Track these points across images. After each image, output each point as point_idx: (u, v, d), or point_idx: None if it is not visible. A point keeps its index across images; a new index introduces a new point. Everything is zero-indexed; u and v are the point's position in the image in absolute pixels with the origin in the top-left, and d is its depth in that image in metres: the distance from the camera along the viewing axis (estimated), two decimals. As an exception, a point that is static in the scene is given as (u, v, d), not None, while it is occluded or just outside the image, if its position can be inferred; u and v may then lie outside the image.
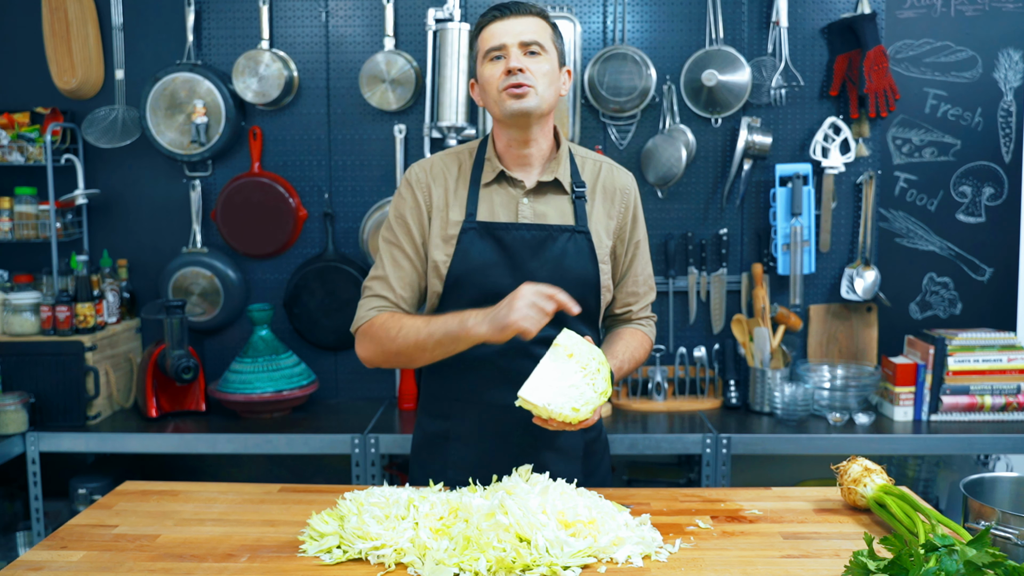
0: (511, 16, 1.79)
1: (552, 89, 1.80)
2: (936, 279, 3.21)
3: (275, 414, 3.05)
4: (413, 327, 1.75)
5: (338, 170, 3.22)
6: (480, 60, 1.81)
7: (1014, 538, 1.41)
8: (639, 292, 1.97)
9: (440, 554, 1.41)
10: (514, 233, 1.81)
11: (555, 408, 1.57)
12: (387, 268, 1.85)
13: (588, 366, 1.63)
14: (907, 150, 3.17)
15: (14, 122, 3.17)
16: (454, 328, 1.69)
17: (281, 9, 3.16)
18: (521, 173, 1.85)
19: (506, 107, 1.76)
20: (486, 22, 1.81)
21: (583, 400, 1.59)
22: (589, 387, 1.61)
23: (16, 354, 2.91)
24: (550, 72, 1.79)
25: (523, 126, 1.80)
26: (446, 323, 1.71)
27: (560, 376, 1.60)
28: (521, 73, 1.74)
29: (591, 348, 1.65)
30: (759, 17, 3.12)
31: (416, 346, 1.74)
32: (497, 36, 1.78)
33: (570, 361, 1.62)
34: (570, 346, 1.63)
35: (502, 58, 1.77)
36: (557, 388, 1.59)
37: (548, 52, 1.79)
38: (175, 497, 1.81)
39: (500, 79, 1.76)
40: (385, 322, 1.79)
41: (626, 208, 1.91)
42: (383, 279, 1.85)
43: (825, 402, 2.99)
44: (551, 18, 1.85)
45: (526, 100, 1.75)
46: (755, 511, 1.71)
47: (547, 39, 1.80)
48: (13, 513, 3.10)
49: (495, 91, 1.77)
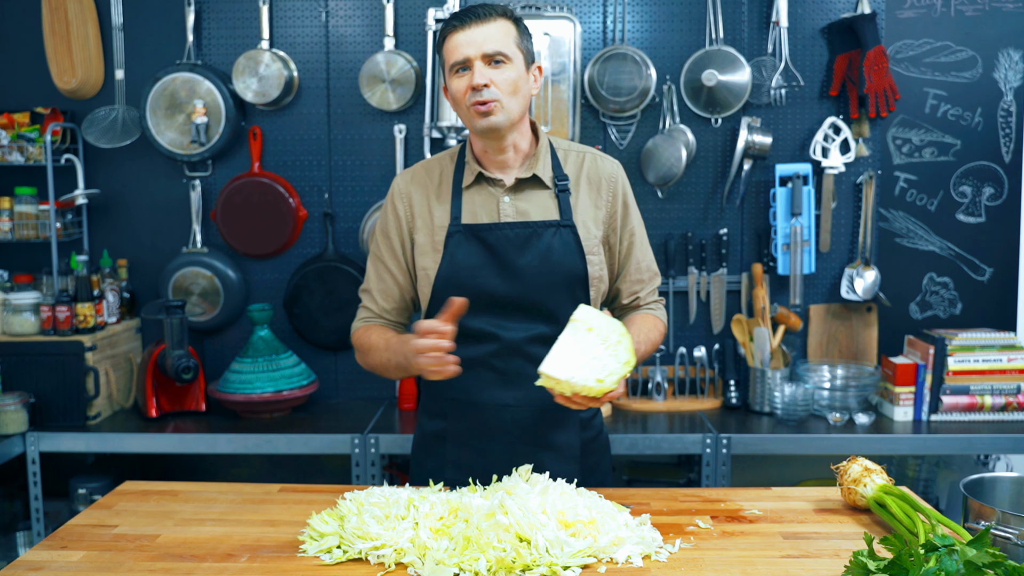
0: (472, 23, 1.74)
1: (518, 97, 1.77)
2: (936, 279, 3.21)
3: (275, 414, 3.05)
4: (376, 348, 1.84)
5: (338, 170, 3.22)
6: (447, 72, 1.79)
7: (1014, 538, 1.41)
8: (643, 279, 1.96)
9: (440, 554, 1.42)
10: (497, 233, 1.81)
11: (578, 380, 1.55)
12: (372, 281, 1.93)
13: (609, 338, 1.60)
14: (907, 150, 3.17)
15: (14, 122, 3.17)
16: (400, 360, 1.75)
17: (281, 9, 3.16)
18: (500, 172, 1.85)
19: (475, 124, 1.77)
20: (449, 31, 1.77)
21: (607, 371, 1.57)
22: (612, 358, 1.58)
23: (16, 354, 2.91)
24: (517, 79, 1.76)
25: (495, 138, 1.80)
26: (395, 352, 1.77)
27: (581, 350, 1.58)
28: (487, 88, 1.72)
29: (610, 321, 1.64)
30: (759, 17, 3.12)
31: (382, 367, 1.85)
32: (460, 48, 1.74)
33: (590, 334, 1.60)
34: (589, 320, 1.62)
35: (468, 70, 1.75)
36: (580, 361, 1.57)
37: (513, 59, 1.76)
38: (175, 497, 1.81)
39: (467, 94, 1.75)
40: (361, 337, 1.90)
41: (614, 196, 1.90)
42: (369, 292, 1.93)
43: (825, 402, 2.99)
44: (514, 13, 1.80)
45: (494, 117, 1.74)
46: (755, 511, 1.71)
47: (511, 44, 1.76)
48: (13, 513, 3.10)
49: (463, 106, 1.77)
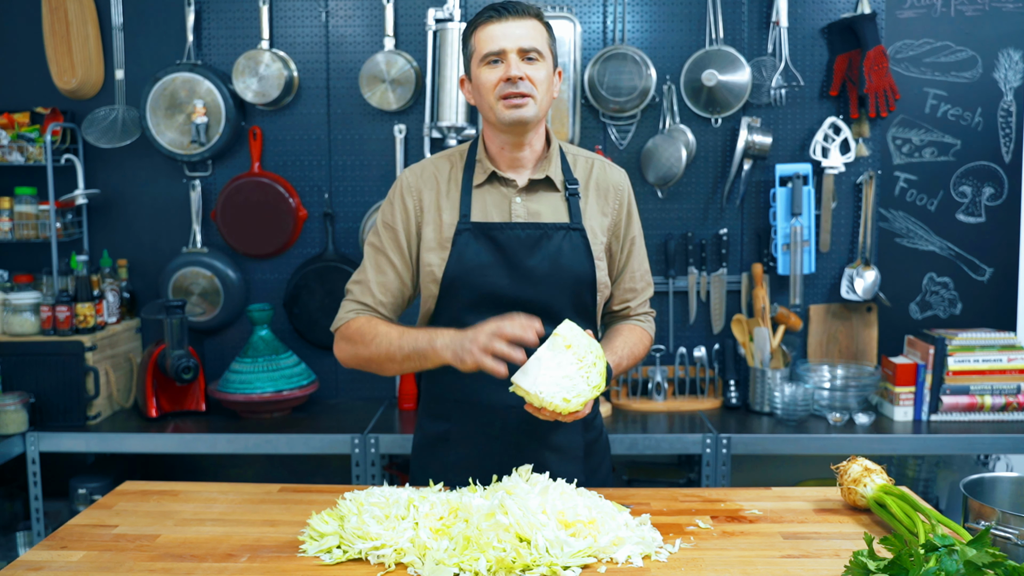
0: (510, 18, 1.75)
1: (548, 96, 1.79)
2: (936, 279, 3.21)
3: (275, 414, 3.05)
4: (387, 336, 1.76)
5: (338, 170, 3.22)
6: (476, 62, 1.78)
7: (1014, 538, 1.41)
8: (636, 288, 1.97)
9: (440, 554, 1.41)
10: (508, 233, 1.80)
11: (546, 397, 1.57)
12: (369, 273, 1.86)
13: (585, 359, 1.62)
14: (907, 150, 3.17)
15: (14, 122, 3.17)
16: (423, 345, 1.70)
17: (281, 9, 3.16)
18: (513, 173, 1.85)
19: (504, 115, 1.75)
20: (482, 22, 1.77)
21: (575, 392, 1.59)
22: (583, 380, 1.60)
23: (16, 354, 2.91)
24: (547, 79, 1.77)
25: (519, 132, 1.79)
26: (417, 339, 1.72)
27: (555, 366, 1.60)
28: (522, 82, 1.73)
29: (590, 341, 1.65)
30: (759, 17, 3.12)
31: (387, 356, 1.75)
32: (496, 40, 1.74)
33: (567, 352, 1.62)
34: (569, 337, 1.63)
35: (500, 63, 1.75)
36: (551, 378, 1.59)
37: (545, 58, 1.78)
38: (175, 497, 1.81)
39: (498, 85, 1.74)
40: (362, 326, 1.81)
41: (620, 205, 1.90)
42: (364, 283, 1.86)
43: (825, 402, 2.99)
44: (545, 18, 1.82)
45: (525, 109, 1.74)
46: (755, 511, 1.71)
47: (544, 44, 1.78)
48: (13, 513, 3.10)
49: (492, 97, 1.76)
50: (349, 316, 1.84)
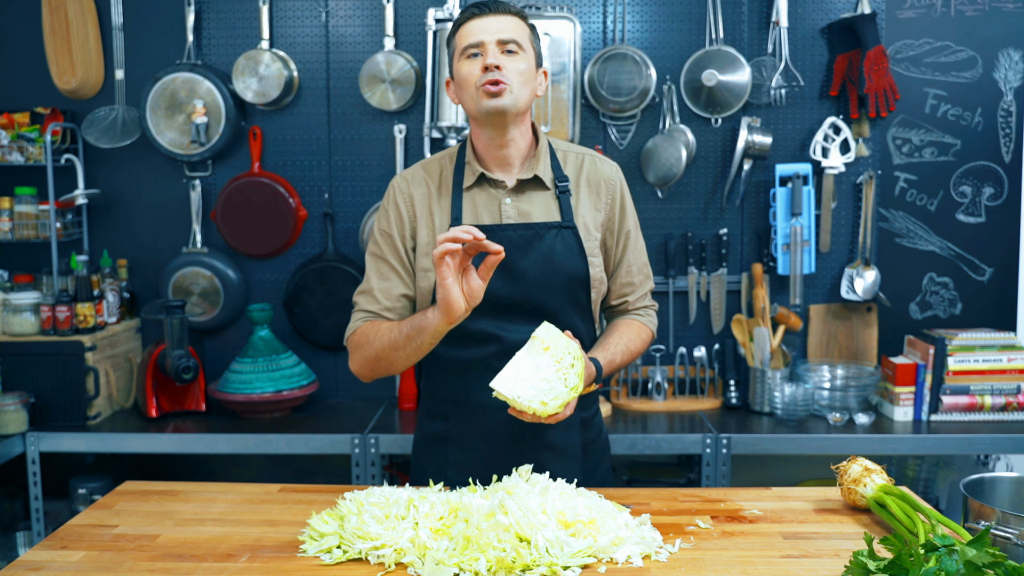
0: (490, 14, 1.79)
1: (528, 89, 1.79)
2: (936, 279, 3.21)
3: (275, 414, 3.05)
4: (388, 329, 1.79)
5: (338, 170, 3.22)
6: (457, 57, 1.81)
7: (1014, 538, 1.41)
8: (634, 282, 1.96)
9: (440, 554, 1.41)
10: (500, 234, 1.80)
11: (524, 401, 1.58)
12: (373, 281, 1.87)
13: (562, 360, 1.63)
14: (907, 150, 3.17)
15: (14, 122, 3.17)
16: (418, 319, 1.72)
17: (281, 9, 3.16)
18: (501, 173, 1.85)
19: (482, 105, 1.76)
20: (464, 19, 1.81)
21: (552, 395, 1.60)
22: (560, 382, 1.61)
23: (16, 354, 2.91)
24: (526, 71, 1.79)
25: (499, 125, 1.80)
26: (413, 318, 1.75)
27: (534, 369, 1.62)
28: (498, 70, 1.74)
29: (568, 342, 1.66)
30: (759, 17, 3.12)
31: (391, 346, 1.76)
32: (475, 33, 1.78)
33: (545, 355, 1.63)
34: (547, 339, 1.64)
35: (479, 55, 1.77)
36: (529, 381, 1.60)
37: (525, 51, 1.79)
38: (175, 497, 1.81)
39: (477, 76, 1.76)
40: (366, 330, 1.83)
41: (612, 199, 1.91)
42: (369, 292, 1.87)
43: (825, 402, 2.99)
44: (529, 19, 1.85)
45: (501, 98, 1.75)
46: (755, 511, 1.71)
47: (524, 38, 1.80)
48: (13, 513, 3.10)
49: (472, 88, 1.77)
50: (356, 325, 1.87)
